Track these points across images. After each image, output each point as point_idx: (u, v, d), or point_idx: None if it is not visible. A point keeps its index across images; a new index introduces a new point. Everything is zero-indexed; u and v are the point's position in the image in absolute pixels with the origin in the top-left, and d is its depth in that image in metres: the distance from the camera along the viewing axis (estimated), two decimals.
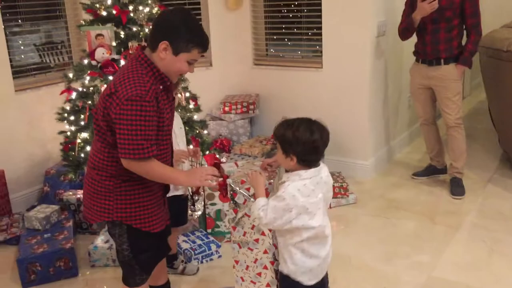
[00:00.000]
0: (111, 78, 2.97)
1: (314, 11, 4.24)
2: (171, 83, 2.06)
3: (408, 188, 3.95)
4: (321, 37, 4.11)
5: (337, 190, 3.67)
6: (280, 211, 1.84)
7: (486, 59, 4.09)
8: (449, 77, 3.59)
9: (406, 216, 3.51)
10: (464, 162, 3.78)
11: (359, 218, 3.52)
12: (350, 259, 3.01)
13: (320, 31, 4.12)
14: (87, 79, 3.18)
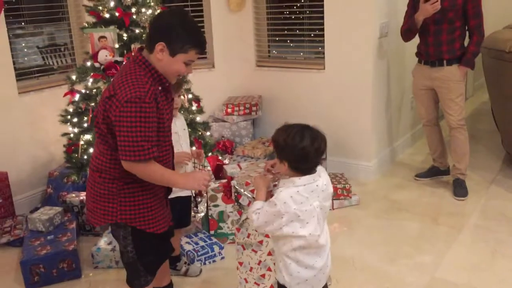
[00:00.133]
0: None
1: (316, 13, 4.24)
2: (170, 84, 2.06)
3: (411, 189, 3.95)
4: (323, 38, 4.12)
5: (340, 191, 3.67)
6: (271, 217, 1.83)
7: (489, 60, 4.08)
8: (451, 78, 3.59)
9: (409, 217, 3.51)
10: (467, 163, 3.77)
11: (362, 219, 3.51)
12: (353, 260, 3.01)
13: (322, 33, 4.12)
14: (90, 81, 3.20)
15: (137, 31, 3.18)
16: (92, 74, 3.15)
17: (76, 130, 3.26)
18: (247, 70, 4.63)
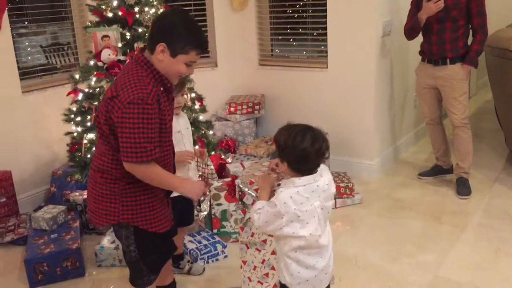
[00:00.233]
0: None
1: (319, 11, 4.24)
2: (172, 85, 2.06)
3: (414, 188, 3.94)
4: (326, 37, 4.11)
5: (343, 190, 3.67)
6: (271, 217, 1.82)
7: (492, 59, 4.08)
8: (455, 77, 3.58)
9: (412, 216, 3.50)
10: (470, 162, 3.77)
11: (365, 218, 3.51)
12: (356, 259, 3.01)
13: (325, 31, 4.12)
14: (93, 80, 3.21)
15: (140, 30, 3.19)
16: (95, 73, 3.16)
17: (79, 129, 3.27)
18: (250, 69, 4.63)
